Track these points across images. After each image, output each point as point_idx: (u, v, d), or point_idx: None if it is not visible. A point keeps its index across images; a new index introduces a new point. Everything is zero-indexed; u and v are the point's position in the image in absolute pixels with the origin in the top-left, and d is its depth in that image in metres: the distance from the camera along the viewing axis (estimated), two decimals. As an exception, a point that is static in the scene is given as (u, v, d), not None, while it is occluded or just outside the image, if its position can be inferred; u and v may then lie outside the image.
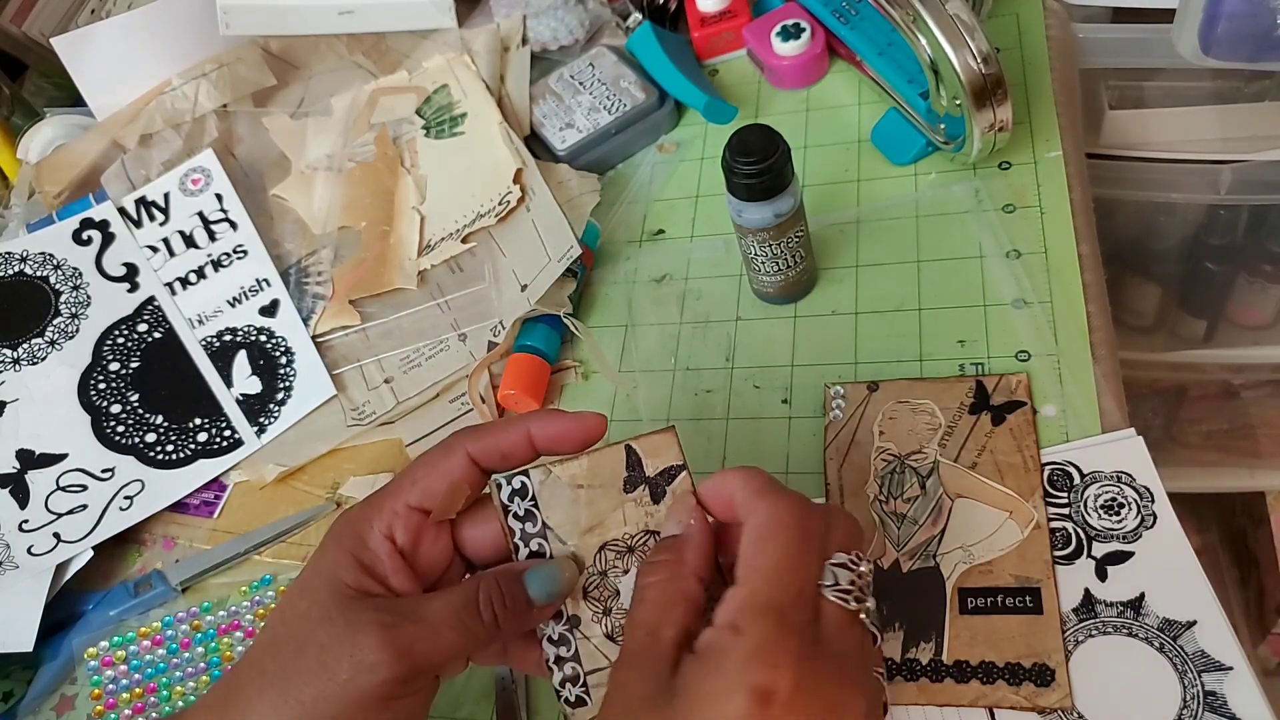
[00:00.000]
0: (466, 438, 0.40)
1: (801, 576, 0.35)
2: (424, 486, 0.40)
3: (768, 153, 0.50)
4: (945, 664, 0.43)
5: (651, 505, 0.39)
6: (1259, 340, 0.91)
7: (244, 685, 0.37)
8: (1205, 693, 0.40)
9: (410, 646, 0.36)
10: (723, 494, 0.38)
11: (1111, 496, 0.46)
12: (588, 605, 0.40)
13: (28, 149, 0.80)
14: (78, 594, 0.60)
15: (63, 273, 0.70)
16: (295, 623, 0.37)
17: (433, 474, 0.40)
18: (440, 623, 0.36)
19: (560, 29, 0.75)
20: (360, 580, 0.38)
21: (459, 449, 0.40)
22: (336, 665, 0.35)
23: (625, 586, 0.40)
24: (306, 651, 0.36)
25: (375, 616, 0.36)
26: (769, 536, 0.35)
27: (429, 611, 0.37)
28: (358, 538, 0.39)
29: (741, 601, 0.34)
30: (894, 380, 0.53)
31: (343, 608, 0.37)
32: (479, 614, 0.37)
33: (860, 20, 0.66)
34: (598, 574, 0.40)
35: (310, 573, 0.39)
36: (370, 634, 0.35)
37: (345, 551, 0.38)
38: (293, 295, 0.68)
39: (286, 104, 0.78)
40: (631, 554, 0.40)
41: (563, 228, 0.62)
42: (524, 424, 0.40)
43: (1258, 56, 0.57)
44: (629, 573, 0.40)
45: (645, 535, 0.40)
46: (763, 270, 0.56)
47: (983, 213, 0.58)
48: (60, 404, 0.65)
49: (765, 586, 0.34)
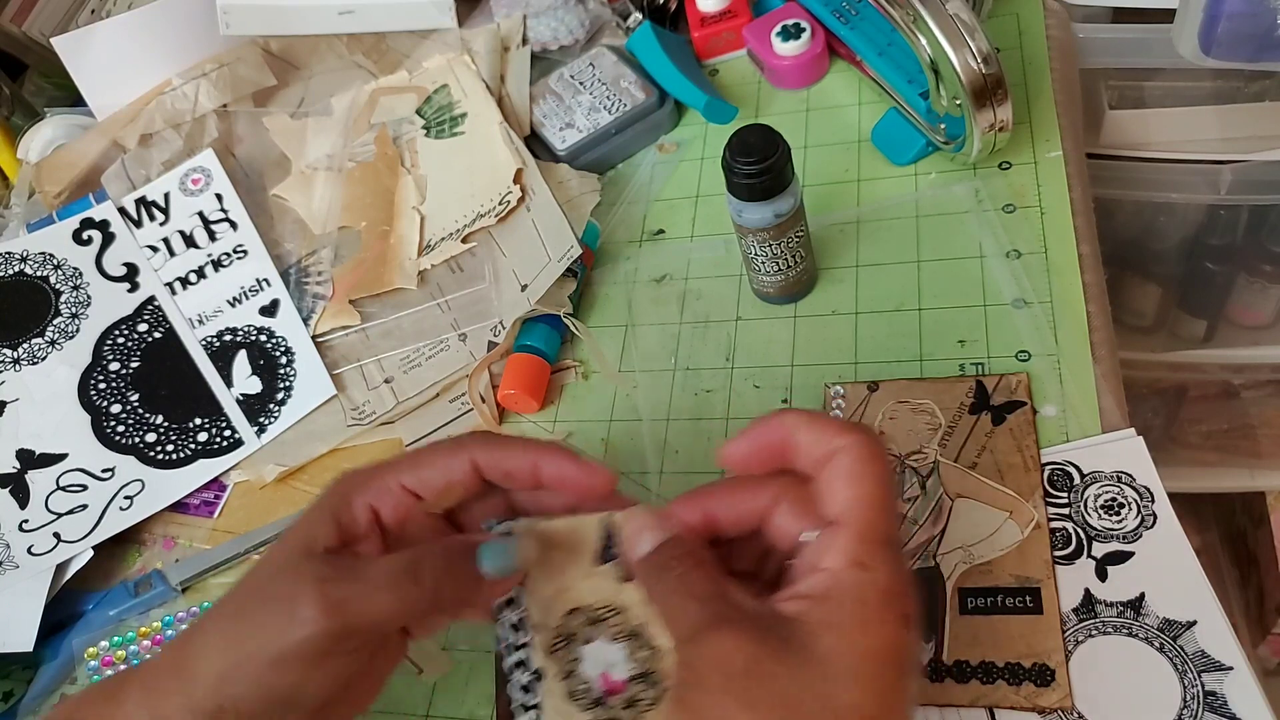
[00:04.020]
0: (477, 444, 0.40)
1: (895, 503, 0.35)
2: (423, 475, 0.40)
3: (768, 153, 0.50)
4: (945, 664, 0.43)
5: (620, 582, 0.39)
6: (1259, 340, 0.91)
7: (208, 623, 0.37)
8: (1205, 693, 0.40)
9: (343, 602, 0.36)
10: (775, 435, 0.37)
11: (1111, 496, 0.46)
12: (552, 662, 0.40)
13: (28, 149, 0.80)
14: (78, 594, 0.60)
15: (63, 272, 0.70)
16: (260, 572, 0.38)
17: (435, 466, 0.40)
18: (377, 583, 0.36)
19: (560, 29, 0.75)
20: (330, 538, 0.38)
21: (466, 452, 0.40)
22: (275, 615, 0.36)
23: (587, 655, 0.39)
24: (257, 597, 0.37)
25: (316, 571, 0.36)
26: (867, 470, 0.35)
27: (369, 572, 0.37)
28: (344, 499, 0.39)
29: (858, 537, 0.34)
30: (894, 380, 0.53)
31: (297, 560, 0.37)
32: (417, 579, 0.37)
33: (860, 20, 0.66)
34: (563, 637, 0.40)
35: (292, 525, 0.39)
36: (307, 587, 0.36)
37: (328, 511, 0.39)
38: (293, 295, 0.68)
39: (287, 104, 0.78)
40: (597, 626, 0.39)
41: (563, 228, 0.62)
42: (535, 453, 0.40)
43: (1258, 56, 0.57)
44: (590, 643, 0.39)
45: (611, 611, 0.39)
46: (763, 270, 0.56)
47: (983, 213, 0.58)
48: (60, 404, 0.65)
49: (880, 519, 0.34)
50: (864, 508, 0.34)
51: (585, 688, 0.39)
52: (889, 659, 0.32)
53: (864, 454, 0.35)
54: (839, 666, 0.32)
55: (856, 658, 0.32)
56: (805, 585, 0.34)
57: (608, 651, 0.39)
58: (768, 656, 0.32)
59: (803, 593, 0.34)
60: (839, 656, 0.32)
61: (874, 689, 0.31)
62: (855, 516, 0.34)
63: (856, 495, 0.34)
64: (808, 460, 0.36)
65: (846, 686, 0.31)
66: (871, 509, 0.34)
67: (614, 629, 0.39)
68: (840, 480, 0.35)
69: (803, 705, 0.31)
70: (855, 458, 0.35)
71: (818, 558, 0.34)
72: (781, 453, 0.37)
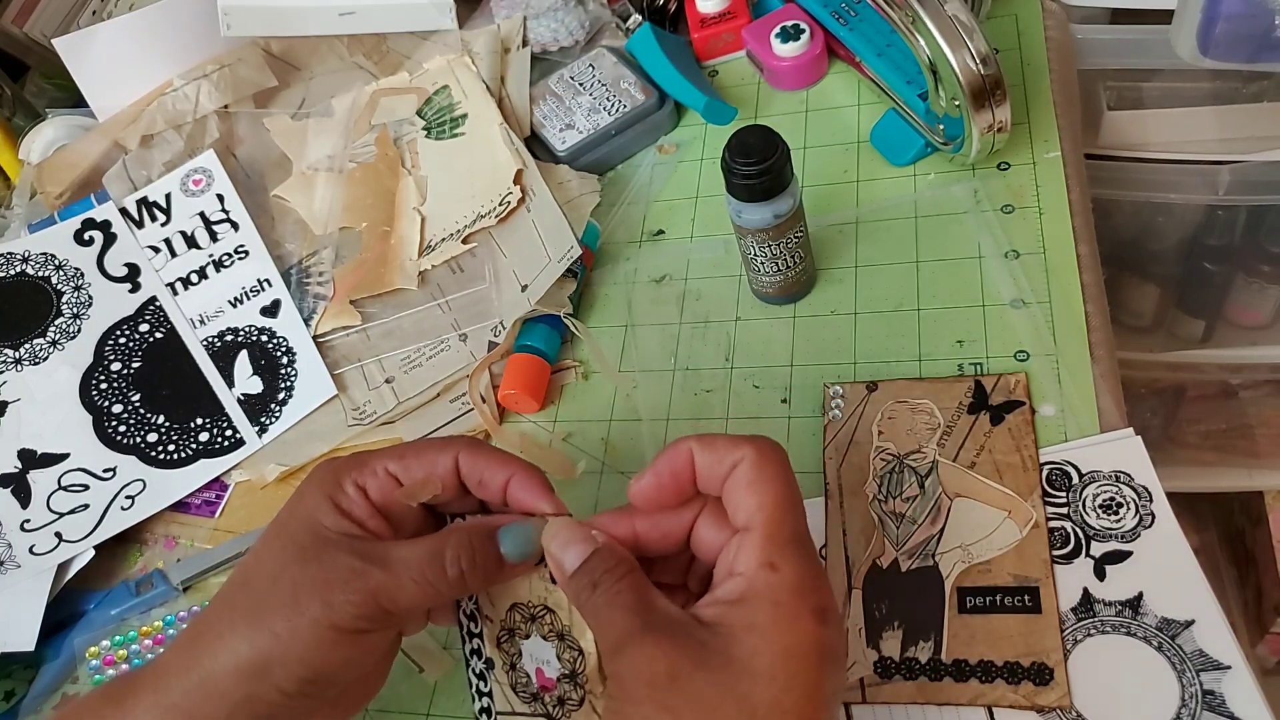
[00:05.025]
0: (464, 448, 0.41)
1: (799, 503, 0.36)
2: (407, 464, 0.41)
3: (767, 153, 0.50)
4: (944, 663, 0.43)
5: (550, 584, 0.39)
6: (1257, 340, 0.91)
7: (214, 622, 0.38)
8: (1204, 692, 0.40)
9: (377, 589, 0.37)
10: (677, 463, 0.38)
11: (1110, 496, 0.46)
12: (499, 654, 0.41)
13: (29, 150, 0.80)
14: (79, 593, 0.60)
15: (64, 273, 0.70)
16: (269, 561, 0.38)
17: (419, 459, 0.41)
18: (406, 571, 0.37)
19: (560, 30, 0.75)
20: (338, 523, 0.39)
21: (452, 453, 0.41)
22: (309, 601, 0.36)
23: (526, 650, 0.40)
24: (280, 586, 0.37)
25: (347, 559, 0.37)
26: (765, 475, 0.36)
27: (397, 558, 0.38)
28: (335, 483, 0.40)
29: (765, 540, 0.35)
30: (893, 380, 0.53)
31: (319, 548, 0.38)
32: (444, 568, 0.38)
33: (859, 21, 0.66)
34: (507, 630, 0.41)
35: (286, 516, 0.40)
36: (341, 573, 0.37)
37: (324, 496, 0.39)
38: (294, 295, 0.68)
39: (287, 105, 0.78)
40: (533, 623, 0.40)
41: (563, 228, 0.62)
42: (512, 470, 0.41)
43: (1256, 57, 0.57)
44: (529, 639, 0.40)
45: (544, 610, 0.40)
46: (762, 270, 0.56)
47: (981, 213, 0.58)
48: (62, 404, 0.65)
49: (784, 520, 0.35)
50: (768, 511, 0.35)
51: (525, 681, 0.40)
52: (806, 654, 0.33)
53: (760, 461, 0.36)
54: (757, 666, 0.33)
55: (774, 656, 0.33)
56: (722, 591, 0.35)
57: (541, 649, 0.40)
58: (689, 662, 0.33)
59: (720, 598, 0.35)
60: (757, 656, 0.33)
61: (792, 685, 0.32)
62: (761, 520, 0.35)
63: (759, 501, 0.36)
64: (711, 480, 0.37)
65: (765, 685, 0.32)
66: (776, 511, 0.35)
67: (545, 627, 0.40)
68: (742, 490, 0.36)
69: (723, 707, 0.32)
70: (752, 465, 0.36)
71: (732, 563, 0.35)
72: (686, 479, 0.38)
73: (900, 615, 0.45)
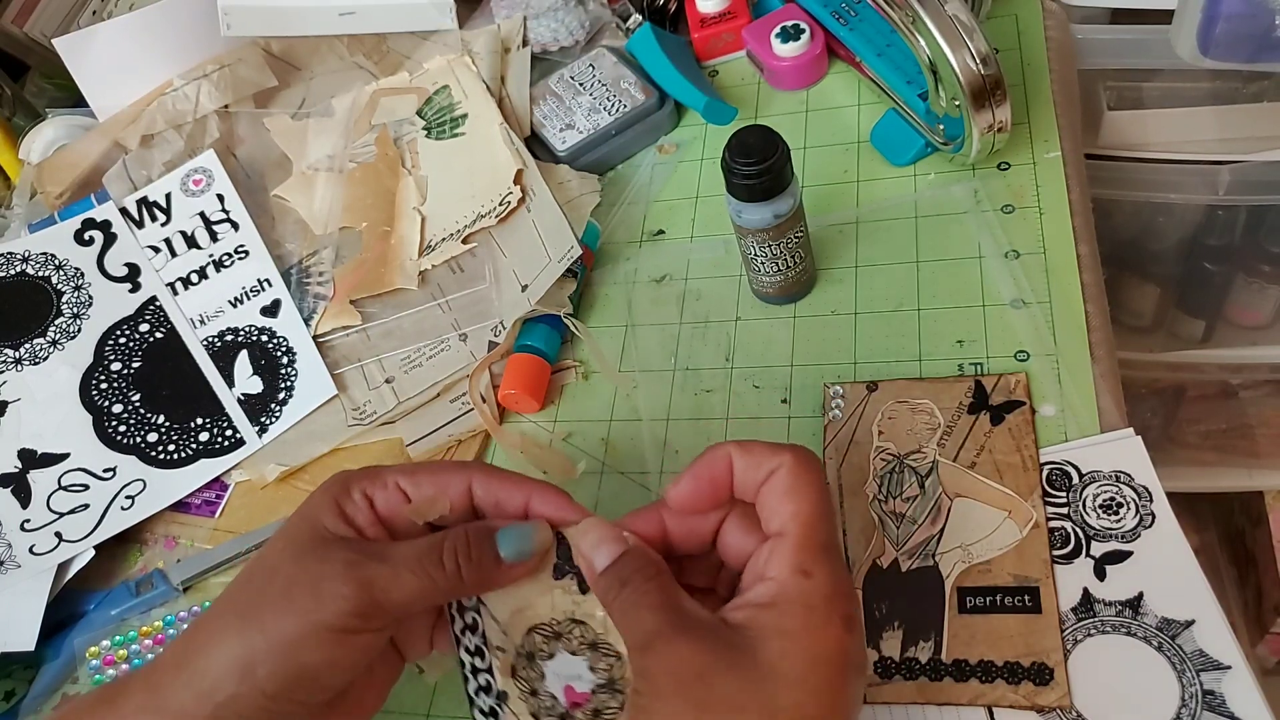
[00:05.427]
0: (477, 473, 0.41)
1: (833, 513, 0.37)
2: (418, 481, 0.41)
3: (767, 153, 0.50)
4: (944, 663, 0.43)
5: (579, 594, 0.39)
6: (1257, 340, 0.91)
7: (212, 619, 0.38)
8: (1204, 692, 0.40)
9: (372, 582, 0.37)
10: (717, 468, 0.38)
11: (1110, 496, 0.46)
12: (515, 684, 0.40)
13: (29, 150, 0.80)
14: (79, 593, 0.60)
15: (64, 273, 0.70)
16: (270, 559, 0.39)
17: (432, 478, 0.41)
18: (403, 565, 0.37)
19: (560, 30, 0.75)
20: (339, 526, 0.39)
21: (466, 477, 0.41)
22: (301, 596, 0.36)
23: (550, 671, 0.40)
24: (274, 583, 0.37)
25: (342, 554, 0.37)
26: (802, 483, 0.36)
27: (393, 554, 0.38)
28: (344, 489, 0.40)
29: (799, 546, 0.35)
30: (893, 380, 0.53)
31: (315, 546, 0.38)
32: (441, 562, 0.38)
33: (859, 21, 0.66)
34: (525, 656, 0.40)
35: (294, 518, 0.40)
36: (335, 567, 0.37)
37: (330, 500, 0.40)
38: (294, 295, 0.68)
39: (288, 105, 0.78)
40: (558, 640, 0.40)
41: (563, 228, 0.62)
42: (530, 490, 0.41)
43: (1256, 57, 0.57)
44: (554, 658, 0.40)
45: (571, 624, 0.39)
46: (762, 270, 0.56)
47: (981, 213, 0.58)
48: (62, 404, 0.65)
49: (819, 528, 0.36)
50: (803, 519, 0.36)
51: (550, 705, 0.40)
52: (832, 661, 0.34)
53: (798, 469, 0.37)
54: (785, 670, 0.33)
55: (801, 661, 0.33)
56: (753, 594, 0.35)
57: (570, 665, 0.39)
58: (718, 662, 0.33)
59: (750, 601, 0.35)
60: (785, 660, 0.33)
61: (818, 690, 0.33)
62: (795, 527, 0.36)
63: (795, 509, 0.36)
64: (748, 486, 0.38)
65: (792, 689, 0.33)
66: (810, 519, 0.36)
67: (575, 641, 0.39)
68: (778, 497, 0.37)
69: (749, 708, 0.32)
70: (790, 473, 0.37)
71: (763, 568, 0.36)
72: (724, 484, 0.38)
73: (900, 615, 0.45)
